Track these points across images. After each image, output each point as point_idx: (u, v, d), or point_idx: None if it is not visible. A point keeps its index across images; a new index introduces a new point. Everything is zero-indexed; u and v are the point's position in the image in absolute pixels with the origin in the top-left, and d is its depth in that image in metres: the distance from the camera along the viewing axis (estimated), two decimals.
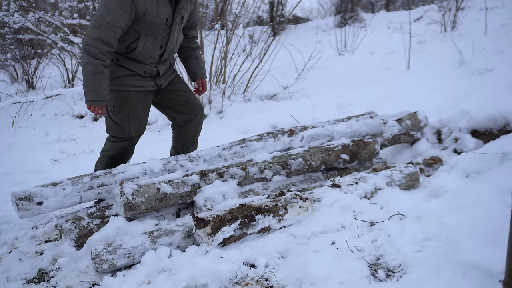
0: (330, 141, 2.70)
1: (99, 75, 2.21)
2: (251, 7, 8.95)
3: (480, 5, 8.63)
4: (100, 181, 2.24)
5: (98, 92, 2.23)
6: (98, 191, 2.22)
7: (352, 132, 2.74)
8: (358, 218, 2.14)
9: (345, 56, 8.12)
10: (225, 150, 2.43)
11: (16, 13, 7.73)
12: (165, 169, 2.33)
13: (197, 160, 2.37)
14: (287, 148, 2.56)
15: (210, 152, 2.38)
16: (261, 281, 1.72)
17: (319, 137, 2.65)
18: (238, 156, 2.42)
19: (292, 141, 2.56)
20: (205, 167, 2.34)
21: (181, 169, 2.32)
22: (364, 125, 2.78)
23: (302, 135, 2.57)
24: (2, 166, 4.08)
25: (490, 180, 2.21)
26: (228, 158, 2.41)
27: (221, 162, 2.38)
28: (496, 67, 4.46)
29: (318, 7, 28.80)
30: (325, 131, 2.64)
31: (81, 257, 2.07)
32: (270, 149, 2.53)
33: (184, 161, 2.35)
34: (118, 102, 2.45)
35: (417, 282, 1.58)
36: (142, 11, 2.23)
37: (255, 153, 2.46)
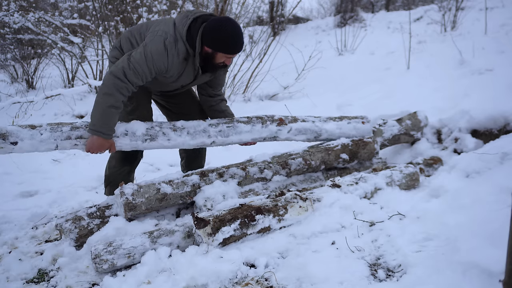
0: (317, 138, 2.66)
1: (115, 110, 2.15)
2: (251, 7, 8.95)
3: (480, 5, 8.63)
4: (79, 133, 2.16)
5: (108, 126, 2.15)
6: (75, 142, 2.16)
7: (340, 133, 2.73)
8: (358, 218, 2.14)
9: (345, 56, 8.12)
10: (211, 126, 2.38)
11: (16, 13, 7.73)
12: (147, 134, 2.27)
13: (180, 131, 2.32)
14: (272, 137, 2.53)
15: (196, 126, 2.34)
16: (261, 281, 1.72)
17: (306, 132, 2.62)
18: (222, 135, 2.38)
19: (279, 130, 2.53)
20: (188, 139, 2.30)
21: (163, 137, 2.28)
22: (354, 129, 2.78)
23: (290, 126, 2.55)
24: (2, 166, 4.08)
25: (490, 180, 2.21)
26: (212, 135, 2.36)
27: (204, 138, 2.34)
28: (496, 67, 4.46)
29: (318, 7, 28.80)
30: (314, 127, 2.62)
31: (81, 257, 2.07)
32: (256, 135, 2.49)
33: (167, 129, 2.30)
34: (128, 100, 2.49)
35: (417, 282, 1.58)
36: (165, 75, 2.29)
37: (240, 135, 2.41)
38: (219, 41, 2.19)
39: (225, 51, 2.23)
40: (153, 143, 2.30)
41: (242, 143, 2.58)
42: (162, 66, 2.21)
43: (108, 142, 2.18)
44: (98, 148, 2.17)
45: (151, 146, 2.31)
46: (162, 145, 2.33)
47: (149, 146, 2.30)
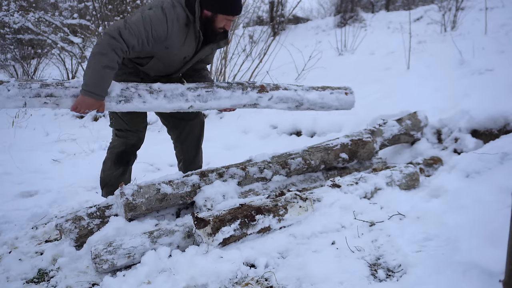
0: (298, 107, 2.61)
1: (109, 70, 2.09)
2: (251, 7, 8.95)
3: (480, 5, 8.63)
4: (49, 91, 2.06)
5: (102, 87, 2.10)
6: (45, 100, 2.06)
7: (322, 104, 2.65)
8: (358, 218, 2.14)
9: (345, 56, 8.12)
10: (189, 90, 2.32)
11: (16, 13, 7.73)
12: (121, 95, 2.18)
13: (157, 94, 2.24)
14: (253, 104, 2.48)
15: (173, 89, 2.27)
16: (261, 281, 1.72)
17: (288, 101, 2.55)
18: (201, 100, 2.32)
19: (260, 98, 2.47)
20: (164, 103, 2.24)
21: (138, 99, 2.21)
22: (336, 99, 2.68)
23: (271, 94, 2.48)
24: (2, 166, 4.08)
25: (490, 180, 2.21)
26: (190, 99, 2.29)
27: (181, 102, 2.28)
28: (496, 67, 4.46)
29: (318, 7, 28.82)
30: (296, 96, 2.55)
31: (81, 257, 2.07)
32: (235, 101, 2.42)
33: (143, 91, 2.22)
34: None
35: (417, 282, 1.58)
36: (167, 44, 2.23)
37: (219, 101, 2.36)
38: (218, 2, 2.19)
39: (224, 12, 2.22)
40: (127, 105, 2.22)
41: (221, 109, 2.51)
42: (161, 32, 2.17)
43: (98, 103, 2.12)
44: (87, 107, 2.11)
45: (126, 107, 2.23)
46: (137, 107, 2.25)
47: (123, 107, 2.22)
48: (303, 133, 4.41)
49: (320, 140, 3.58)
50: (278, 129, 4.63)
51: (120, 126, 2.58)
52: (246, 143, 4.43)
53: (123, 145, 2.62)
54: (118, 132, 2.61)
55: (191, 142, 2.78)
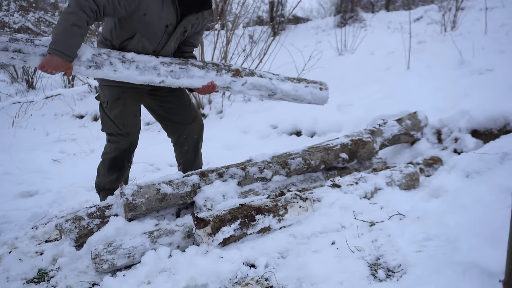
0: (271, 96, 2.56)
1: (78, 29, 2.01)
2: (251, 7, 8.95)
3: (480, 5, 8.63)
4: (17, 46, 2.00)
5: (68, 45, 2.01)
6: (12, 55, 2.00)
7: (295, 96, 2.60)
8: (358, 218, 2.14)
9: (345, 56, 8.12)
10: (163, 64, 2.26)
11: (16, 13, 7.73)
12: (92, 60, 2.12)
13: (129, 64, 2.19)
14: (226, 87, 2.44)
15: (146, 61, 2.22)
16: (261, 281, 1.72)
17: (261, 88, 2.50)
18: (173, 76, 2.27)
19: (233, 81, 2.42)
20: (135, 74, 2.19)
21: (109, 66, 2.14)
22: (310, 93, 2.65)
23: (245, 79, 2.44)
24: (2, 166, 4.09)
25: (490, 180, 2.21)
26: (162, 74, 2.25)
27: (153, 75, 2.24)
28: (496, 67, 4.46)
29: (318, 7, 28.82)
30: (270, 85, 2.50)
31: (81, 257, 2.07)
32: (207, 80, 2.37)
33: (115, 59, 2.17)
34: (113, 98, 2.41)
35: (417, 282, 1.58)
36: (144, 10, 2.15)
37: (191, 79, 2.31)
38: None
39: None
40: (97, 71, 2.15)
41: (194, 88, 2.43)
42: None
43: (66, 64, 2.05)
44: (54, 67, 2.03)
45: (95, 74, 2.17)
46: (107, 75, 2.18)
47: (93, 73, 2.16)
48: (303, 133, 4.41)
49: (320, 140, 3.59)
50: (278, 129, 4.63)
51: (112, 130, 2.52)
52: (246, 143, 4.43)
53: (115, 151, 2.56)
54: (110, 137, 2.56)
55: (190, 145, 2.75)
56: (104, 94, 2.41)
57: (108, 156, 2.59)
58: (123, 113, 2.45)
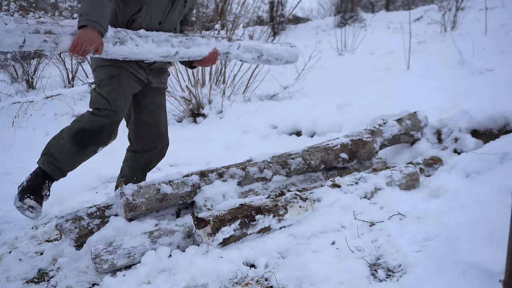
0: (259, 57, 2.76)
1: (108, 1, 1.98)
2: (251, 7, 8.96)
3: (480, 5, 8.63)
4: (47, 28, 1.89)
5: (102, 15, 1.92)
6: (44, 38, 1.89)
7: (277, 54, 2.83)
8: (358, 218, 2.14)
9: (345, 56, 8.13)
10: (171, 37, 2.33)
11: (16, 13, 7.73)
12: (116, 36, 2.09)
13: (145, 38, 2.22)
14: (225, 52, 2.59)
15: (158, 35, 2.29)
16: (261, 281, 1.72)
17: (252, 50, 2.69)
18: (184, 46, 2.36)
19: (230, 46, 2.58)
20: (154, 47, 2.23)
21: (131, 42, 2.15)
22: (286, 51, 2.88)
23: (239, 43, 2.63)
24: (2, 166, 4.08)
25: (490, 180, 2.21)
26: (175, 44, 2.32)
27: (168, 47, 2.29)
28: (496, 67, 4.46)
29: (318, 7, 28.82)
30: (257, 46, 2.73)
31: (81, 257, 2.07)
32: (212, 47, 2.50)
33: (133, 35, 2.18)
34: (108, 76, 2.27)
35: (417, 282, 1.58)
36: None
37: (199, 47, 2.44)
38: None
39: None
40: (122, 48, 2.11)
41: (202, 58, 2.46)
42: None
43: (100, 38, 1.93)
44: (90, 42, 1.89)
45: (121, 50, 2.11)
46: (132, 51, 2.15)
47: (119, 50, 2.11)
48: (303, 133, 4.41)
49: (320, 140, 3.59)
50: (278, 129, 4.63)
51: (100, 105, 2.25)
52: (246, 143, 4.43)
53: (93, 122, 2.22)
54: (95, 111, 2.25)
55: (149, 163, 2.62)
56: (99, 74, 2.30)
57: (79, 125, 2.23)
58: (117, 91, 2.26)
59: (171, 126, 5.86)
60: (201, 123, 5.61)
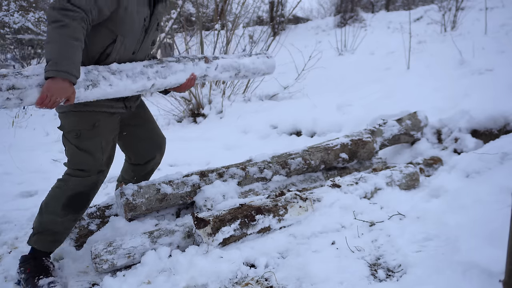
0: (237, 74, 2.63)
1: (76, 42, 1.67)
2: (251, 7, 8.95)
3: (480, 5, 8.63)
4: (10, 83, 1.62)
5: (73, 61, 1.65)
6: (7, 95, 1.63)
7: (254, 69, 2.68)
8: (358, 218, 2.14)
9: (345, 56, 8.13)
10: (146, 67, 2.12)
11: (16, 13, 7.73)
12: (87, 79, 1.83)
13: (119, 74, 1.98)
14: (203, 75, 2.43)
15: (132, 68, 2.06)
16: (261, 281, 1.72)
17: (229, 69, 2.55)
18: (160, 76, 2.17)
19: (208, 68, 2.43)
20: (129, 83, 2.03)
21: (104, 81, 1.90)
22: (263, 63, 2.74)
23: (216, 63, 2.48)
24: (2, 166, 4.08)
25: (490, 180, 2.21)
26: (151, 76, 2.12)
27: (144, 80, 2.08)
28: (496, 67, 4.46)
29: (318, 7, 28.83)
30: (235, 63, 2.58)
31: (81, 257, 2.07)
32: (189, 73, 2.33)
33: (106, 72, 1.93)
34: (87, 126, 1.96)
35: (417, 282, 1.58)
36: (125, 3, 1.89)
37: (176, 75, 2.26)
38: None
39: None
40: (95, 91, 1.86)
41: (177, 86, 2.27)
42: None
43: (71, 88, 1.67)
44: (60, 93, 1.63)
45: (94, 94, 1.86)
46: (105, 92, 1.91)
47: (91, 94, 1.85)
48: (303, 133, 4.41)
49: (320, 140, 3.58)
50: (278, 129, 4.63)
51: (85, 166, 1.98)
52: (246, 143, 4.43)
53: (80, 186, 1.97)
54: (80, 173, 1.99)
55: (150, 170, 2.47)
56: (72, 121, 1.97)
57: (69, 193, 1.96)
58: (101, 143, 2.01)
59: (171, 126, 5.87)
60: (201, 123, 5.61)
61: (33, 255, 1.97)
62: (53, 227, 1.96)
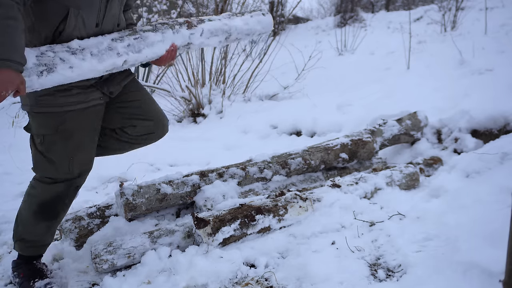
0: (227, 38, 2.26)
1: (13, 21, 1.37)
2: (251, 7, 8.95)
3: (480, 5, 8.63)
4: None
5: (13, 46, 1.36)
6: None
7: (248, 30, 2.34)
8: (358, 218, 2.14)
9: (345, 56, 8.13)
10: (115, 41, 1.75)
11: None
12: (40, 63, 1.52)
13: (81, 53, 1.63)
14: (186, 44, 2.06)
15: (97, 44, 1.71)
16: (261, 281, 1.72)
17: (218, 33, 2.18)
18: (134, 51, 1.80)
19: (192, 34, 2.05)
20: (95, 63, 1.67)
21: (63, 64, 1.57)
22: (258, 22, 2.37)
23: (201, 28, 2.10)
24: (2, 166, 4.08)
25: (490, 180, 2.21)
26: (122, 51, 1.76)
27: (113, 58, 1.74)
28: (496, 67, 4.46)
29: (318, 7, 28.82)
30: (224, 26, 2.20)
31: (81, 257, 2.07)
32: (169, 43, 1.97)
33: (64, 53, 1.60)
34: (50, 130, 1.68)
35: (417, 282, 1.58)
36: None
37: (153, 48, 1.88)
38: None
39: None
40: (52, 76, 1.55)
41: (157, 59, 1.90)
42: None
43: (18, 77, 1.39)
44: (3, 85, 1.34)
45: (50, 80, 1.55)
46: (65, 77, 1.59)
47: (47, 81, 1.55)
48: (303, 133, 4.41)
49: (320, 140, 3.58)
50: (278, 129, 4.63)
51: (49, 174, 1.75)
52: (246, 143, 4.43)
53: (48, 192, 1.78)
54: (46, 179, 1.77)
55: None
56: (34, 124, 1.70)
57: (37, 199, 1.78)
58: (69, 149, 1.72)
59: (171, 126, 5.86)
60: (201, 123, 5.60)
61: (21, 259, 1.91)
62: (27, 236, 1.84)
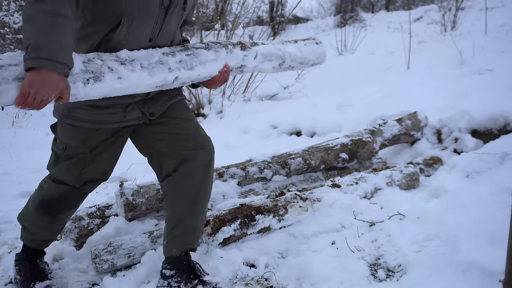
0: (281, 65, 2.16)
1: (63, 19, 1.25)
2: (251, 7, 8.95)
3: (480, 5, 8.64)
4: None
5: (62, 47, 1.23)
6: None
7: (302, 58, 2.25)
8: (358, 218, 2.14)
9: (345, 56, 8.13)
10: (166, 55, 1.62)
11: (16, 13, 7.73)
12: (87, 70, 1.37)
13: (131, 64, 1.51)
14: (239, 66, 1.95)
15: (147, 56, 1.58)
16: (261, 281, 1.72)
17: (272, 58, 2.07)
18: (186, 67, 1.67)
19: (245, 56, 1.94)
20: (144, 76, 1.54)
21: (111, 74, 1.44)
22: (312, 51, 2.30)
23: (255, 51, 2.00)
24: (2, 166, 4.08)
25: (490, 180, 2.21)
26: (173, 67, 1.63)
27: (164, 72, 1.60)
28: (496, 67, 4.46)
29: (318, 7, 28.83)
30: (278, 51, 2.10)
31: (81, 257, 2.07)
32: (222, 62, 1.85)
33: (112, 62, 1.47)
34: (75, 142, 1.62)
35: (417, 282, 1.58)
36: None
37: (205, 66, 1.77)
38: None
39: None
40: (99, 86, 1.41)
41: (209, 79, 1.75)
42: None
43: (63, 81, 1.25)
44: (47, 88, 1.21)
45: (96, 90, 1.41)
46: (113, 88, 1.45)
47: (93, 90, 1.40)
48: (303, 133, 4.41)
49: (320, 140, 3.58)
50: (278, 129, 4.63)
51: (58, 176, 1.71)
52: (246, 143, 4.43)
53: (56, 192, 1.73)
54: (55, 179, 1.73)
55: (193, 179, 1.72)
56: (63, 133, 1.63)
57: (42, 194, 1.76)
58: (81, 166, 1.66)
59: None
60: (201, 123, 5.60)
61: (25, 253, 1.87)
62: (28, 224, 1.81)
